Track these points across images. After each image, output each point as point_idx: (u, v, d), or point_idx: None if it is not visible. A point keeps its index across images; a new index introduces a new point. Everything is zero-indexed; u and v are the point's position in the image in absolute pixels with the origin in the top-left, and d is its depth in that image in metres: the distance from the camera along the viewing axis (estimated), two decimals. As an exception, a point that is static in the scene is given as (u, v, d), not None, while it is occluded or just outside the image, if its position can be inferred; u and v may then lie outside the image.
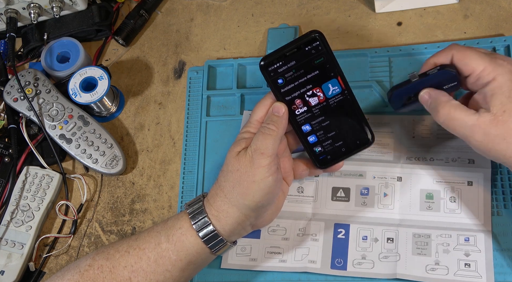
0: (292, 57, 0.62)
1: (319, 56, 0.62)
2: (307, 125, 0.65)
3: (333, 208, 0.70)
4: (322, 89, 0.63)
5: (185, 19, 0.89)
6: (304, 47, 0.61)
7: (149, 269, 0.62)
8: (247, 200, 0.61)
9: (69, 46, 0.86)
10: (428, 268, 0.64)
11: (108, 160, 0.79)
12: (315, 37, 0.61)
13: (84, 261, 0.63)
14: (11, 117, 0.82)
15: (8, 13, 0.85)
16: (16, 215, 0.78)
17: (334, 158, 0.66)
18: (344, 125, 0.65)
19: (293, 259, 0.68)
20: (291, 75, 0.62)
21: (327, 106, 0.64)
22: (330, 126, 0.65)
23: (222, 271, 0.70)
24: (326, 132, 0.65)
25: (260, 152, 0.60)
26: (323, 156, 0.66)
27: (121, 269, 0.62)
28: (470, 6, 0.78)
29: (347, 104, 0.64)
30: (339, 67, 0.63)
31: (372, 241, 0.67)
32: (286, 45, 0.61)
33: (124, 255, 0.62)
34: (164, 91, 0.85)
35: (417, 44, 0.77)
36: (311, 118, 0.64)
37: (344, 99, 0.64)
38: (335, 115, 0.64)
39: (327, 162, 0.67)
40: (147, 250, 0.62)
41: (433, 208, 0.67)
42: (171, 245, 0.62)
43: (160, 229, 0.63)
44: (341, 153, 0.66)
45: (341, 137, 0.65)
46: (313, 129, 0.65)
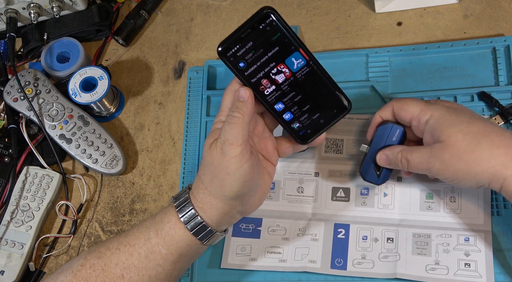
0: (248, 38, 0.59)
1: (276, 32, 0.60)
2: (279, 104, 0.63)
3: (333, 208, 0.70)
4: (286, 64, 0.61)
5: (185, 19, 0.89)
6: (258, 25, 0.59)
7: (141, 265, 0.62)
8: (226, 191, 0.61)
9: (69, 46, 0.86)
10: (428, 268, 0.64)
11: (108, 160, 0.79)
12: (267, 13, 0.59)
13: (77, 261, 0.63)
14: (11, 117, 0.82)
15: (8, 13, 0.85)
16: (16, 215, 0.78)
17: (315, 131, 0.64)
18: (317, 96, 0.63)
19: (293, 259, 0.68)
20: (251, 56, 0.60)
21: (295, 81, 0.62)
22: (303, 100, 0.63)
23: (222, 271, 0.70)
24: (300, 107, 0.63)
25: (229, 142, 0.59)
26: (303, 131, 0.64)
27: (113, 266, 0.62)
28: (470, 6, 0.78)
29: (315, 75, 0.62)
30: (299, 39, 0.60)
31: (372, 241, 0.67)
32: (239, 27, 0.59)
33: (115, 252, 0.62)
34: (164, 91, 0.85)
35: (417, 44, 0.76)
36: (281, 96, 0.63)
37: (311, 70, 0.61)
38: (306, 89, 0.62)
39: (308, 136, 0.65)
40: (137, 246, 0.62)
41: (433, 208, 0.67)
42: (161, 239, 0.62)
43: (149, 224, 0.63)
44: (320, 125, 0.64)
45: (316, 109, 0.63)
46: (286, 106, 0.63)
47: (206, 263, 0.72)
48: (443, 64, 0.75)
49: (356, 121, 0.74)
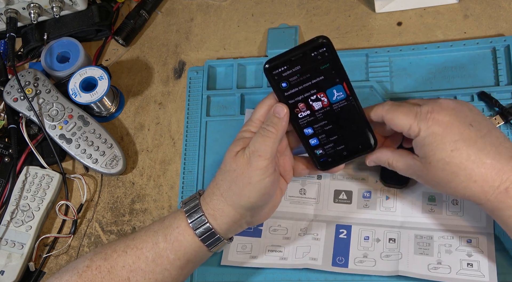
0: (298, 62, 0.60)
1: (325, 62, 0.60)
2: (309, 129, 0.64)
3: (335, 210, 0.70)
4: (326, 94, 0.62)
5: (185, 19, 0.89)
6: (310, 52, 0.60)
7: (148, 269, 0.62)
8: (243, 201, 0.61)
9: (69, 46, 0.86)
10: (430, 267, 0.64)
11: (108, 160, 0.79)
12: (322, 43, 0.60)
13: (82, 262, 0.63)
14: (11, 117, 0.82)
15: (8, 13, 0.85)
16: (16, 215, 0.78)
17: (335, 161, 0.66)
18: (347, 130, 0.64)
19: (294, 257, 0.68)
20: (296, 79, 0.61)
21: (330, 111, 0.63)
22: (333, 130, 0.64)
23: (222, 270, 0.70)
24: (328, 136, 0.64)
25: (258, 154, 0.60)
26: (324, 158, 0.65)
27: (119, 269, 0.62)
28: (470, 6, 0.78)
29: (351, 110, 0.63)
30: (345, 73, 0.61)
31: (374, 241, 0.67)
32: (292, 50, 0.60)
33: (121, 255, 0.62)
34: (164, 91, 0.85)
35: (417, 44, 0.77)
36: (313, 122, 0.64)
37: (348, 105, 0.63)
38: (338, 120, 0.64)
39: (327, 164, 0.66)
40: (144, 250, 0.62)
41: (435, 211, 0.67)
42: (169, 244, 0.62)
43: (157, 228, 0.63)
44: (342, 156, 0.65)
45: (343, 141, 0.65)
46: (315, 132, 0.64)
47: (206, 261, 0.71)
48: (443, 64, 0.75)
49: None
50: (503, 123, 0.70)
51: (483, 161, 0.56)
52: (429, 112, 0.58)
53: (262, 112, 0.63)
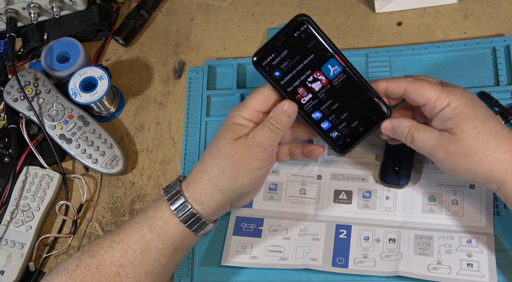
0: (283, 46, 0.59)
1: (311, 39, 0.59)
2: (316, 113, 0.62)
3: (335, 210, 0.70)
4: (322, 72, 0.60)
5: (185, 19, 0.89)
6: (293, 33, 0.59)
7: (137, 261, 0.62)
8: (236, 186, 0.62)
9: (69, 46, 0.86)
10: (430, 267, 0.64)
11: (108, 160, 0.79)
12: (302, 20, 0.58)
13: (71, 262, 0.63)
14: (11, 117, 0.82)
15: (8, 13, 0.85)
16: (16, 215, 0.78)
17: (354, 139, 0.63)
18: (355, 103, 0.62)
19: (294, 257, 0.68)
20: (287, 65, 0.60)
21: (332, 88, 0.61)
22: (341, 108, 0.62)
23: (222, 270, 0.70)
24: (338, 115, 0.62)
25: (263, 146, 0.61)
26: (342, 140, 0.64)
27: (108, 264, 0.62)
28: (470, 6, 0.78)
29: (352, 82, 0.61)
30: (334, 46, 0.60)
31: (374, 241, 0.67)
32: (274, 36, 0.59)
33: (108, 250, 0.62)
34: (164, 91, 0.85)
35: (417, 44, 0.77)
36: (318, 104, 0.62)
37: (348, 77, 0.60)
38: (343, 96, 0.61)
39: (347, 145, 0.64)
40: (131, 243, 0.62)
41: (435, 211, 0.67)
42: (155, 235, 0.62)
43: (141, 220, 0.63)
44: (359, 133, 0.63)
45: (355, 116, 0.62)
46: (324, 115, 0.62)
47: (206, 262, 0.72)
48: (443, 64, 0.75)
49: None
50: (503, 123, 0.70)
51: (510, 136, 0.57)
52: (456, 90, 0.59)
53: (257, 101, 0.62)
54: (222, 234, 0.72)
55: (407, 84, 0.60)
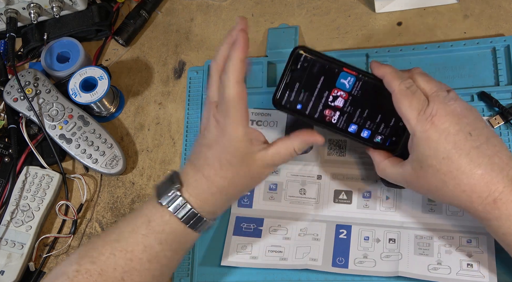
0: (293, 81, 0.61)
1: (314, 65, 0.61)
2: (352, 126, 0.63)
3: (335, 210, 0.70)
4: (338, 88, 0.61)
5: (185, 19, 0.89)
6: (296, 66, 0.61)
7: (143, 268, 0.61)
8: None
9: (69, 46, 0.86)
10: (430, 268, 0.64)
11: (108, 160, 0.79)
12: (298, 52, 0.61)
13: (69, 266, 0.61)
14: (11, 117, 0.82)
15: (8, 13, 0.85)
16: (16, 215, 0.78)
17: (399, 135, 0.63)
18: (383, 103, 0.61)
19: (294, 257, 0.68)
20: (304, 95, 0.62)
21: (354, 98, 0.62)
22: (372, 112, 0.62)
23: (222, 270, 0.70)
24: (373, 120, 0.62)
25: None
26: (388, 140, 0.63)
27: (111, 271, 0.60)
28: (470, 6, 0.78)
29: (370, 85, 0.62)
30: (338, 60, 0.61)
31: (374, 241, 0.67)
32: (282, 75, 0.62)
33: (110, 257, 0.60)
34: (164, 91, 0.85)
35: (417, 44, 0.77)
36: (350, 118, 0.62)
37: (364, 82, 0.61)
38: (369, 101, 0.62)
39: (396, 143, 0.63)
40: (136, 252, 0.60)
41: (435, 210, 0.67)
42: (166, 246, 0.61)
43: (146, 232, 0.61)
44: (402, 127, 0.62)
45: (389, 115, 0.62)
46: (360, 125, 0.63)
47: (206, 262, 0.72)
48: (443, 64, 0.75)
49: None
50: (503, 123, 0.70)
51: (473, 171, 0.55)
52: (432, 115, 0.57)
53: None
54: (222, 234, 0.72)
55: (396, 90, 0.59)
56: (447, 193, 0.57)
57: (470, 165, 0.55)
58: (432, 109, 0.57)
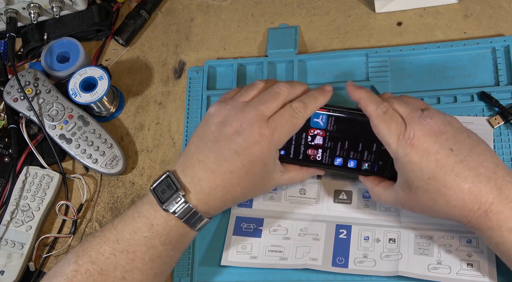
0: None
1: None
2: (337, 160, 0.66)
3: (335, 210, 0.70)
4: (314, 127, 0.65)
5: (185, 19, 0.89)
6: None
7: (145, 267, 0.61)
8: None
9: (69, 46, 0.86)
10: (430, 267, 0.64)
11: (108, 160, 0.79)
12: None
13: (67, 266, 0.61)
14: (11, 117, 0.82)
15: (8, 13, 0.85)
16: (16, 215, 0.78)
17: (385, 158, 0.64)
18: (362, 132, 0.64)
19: (294, 257, 0.68)
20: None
21: (332, 133, 0.65)
22: (353, 143, 0.65)
23: (222, 270, 0.70)
24: (355, 149, 0.65)
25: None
26: (375, 166, 0.65)
27: (112, 270, 0.60)
28: (470, 6, 0.78)
29: (344, 118, 0.64)
30: None
31: (374, 241, 0.67)
32: None
33: (110, 257, 0.61)
34: (164, 91, 0.85)
35: (417, 44, 0.77)
36: (333, 152, 0.65)
37: (337, 116, 0.64)
38: (347, 133, 0.65)
39: (383, 167, 0.65)
40: (139, 253, 0.61)
41: None
42: (169, 246, 0.62)
43: (151, 235, 0.61)
44: (385, 151, 0.62)
45: (370, 142, 0.64)
46: (344, 157, 0.65)
47: (206, 262, 0.72)
48: (443, 64, 0.75)
49: None
50: (503, 123, 0.70)
51: (460, 186, 0.56)
52: (411, 138, 0.57)
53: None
54: (222, 234, 0.72)
55: (374, 115, 0.60)
56: (440, 210, 0.58)
57: (456, 180, 0.56)
58: (409, 132, 0.58)
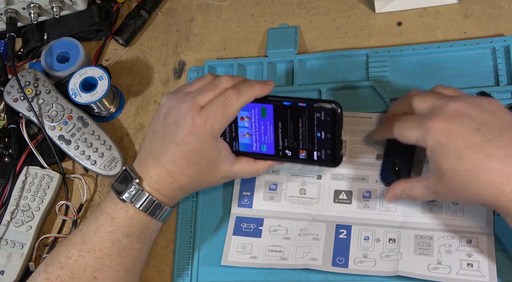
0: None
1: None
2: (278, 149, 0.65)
3: (335, 210, 0.70)
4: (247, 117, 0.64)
5: (185, 19, 0.89)
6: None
7: (114, 263, 0.62)
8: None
9: (69, 46, 0.86)
10: (430, 267, 0.64)
11: (107, 162, 0.79)
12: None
13: (37, 277, 0.62)
14: (11, 118, 0.82)
15: (8, 13, 0.85)
16: (16, 215, 0.78)
17: (331, 148, 0.63)
18: (302, 120, 0.63)
19: (294, 257, 0.68)
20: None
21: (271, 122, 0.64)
22: (293, 132, 0.64)
23: (222, 270, 0.70)
24: (297, 138, 0.64)
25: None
26: (322, 153, 0.64)
27: (81, 272, 0.61)
28: (470, 6, 0.78)
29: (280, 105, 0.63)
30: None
31: (374, 241, 0.67)
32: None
33: (78, 260, 0.62)
34: (164, 91, 0.85)
35: (417, 44, 0.77)
36: (274, 142, 0.65)
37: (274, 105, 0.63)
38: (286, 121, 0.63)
39: (331, 156, 0.64)
40: (105, 250, 0.62)
41: (435, 211, 0.67)
42: (134, 238, 0.63)
43: (112, 229, 0.62)
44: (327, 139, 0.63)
45: (311, 129, 0.63)
46: (286, 147, 0.65)
47: (206, 262, 0.71)
48: (443, 64, 0.75)
49: (359, 121, 0.73)
50: (503, 123, 0.69)
51: (491, 165, 0.54)
52: (432, 121, 0.57)
53: None
54: (222, 234, 0.72)
55: (393, 132, 0.61)
56: (472, 192, 0.56)
57: (486, 159, 0.54)
58: (430, 118, 0.58)
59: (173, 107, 0.63)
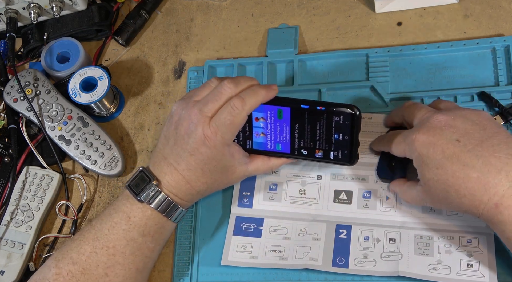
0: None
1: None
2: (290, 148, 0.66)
3: (335, 210, 0.70)
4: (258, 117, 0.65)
5: (185, 19, 0.89)
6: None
7: (127, 261, 0.63)
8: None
9: (69, 46, 0.86)
10: (430, 268, 0.64)
11: (107, 161, 0.79)
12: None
13: (48, 271, 0.62)
14: (11, 118, 0.82)
15: (8, 13, 0.85)
16: (16, 215, 0.78)
17: (349, 148, 0.64)
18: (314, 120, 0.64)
19: (294, 257, 0.68)
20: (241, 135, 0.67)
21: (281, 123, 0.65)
22: (305, 131, 0.65)
23: (222, 270, 0.70)
24: (309, 138, 0.65)
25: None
26: (337, 153, 0.65)
27: (94, 268, 0.62)
28: (470, 6, 0.78)
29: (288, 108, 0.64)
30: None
31: (374, 241, 0.67)
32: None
33: (91, 256, 0.62)
34: (164, 91, 0.85)
35: (417, 44, 0.77)
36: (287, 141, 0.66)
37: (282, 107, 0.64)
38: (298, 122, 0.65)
39: (347, 156, 0.65)
40: (118, 247, 0.63)
41: (435, 210, 0.67)
42: (148, 237, 0.64)
43: (127, 228, 0.63)
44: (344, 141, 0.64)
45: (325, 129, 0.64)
46: (302, 146, 0.66)
47: (206, 262, 0.71)
48: (443, 64, 0.75)
49: None
50: (503, 123, 0.70)
51: (468, 175, 0.55)
52: (415, 134, 0.59)
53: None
54: (222, 234, 0.72)
55: (388, 147, 0.65)
56: (452, 201, 0.58)
57: (464, 169, 0.56)
58: (414, 131, 0.60)
59: (183, 118, 0.63)
